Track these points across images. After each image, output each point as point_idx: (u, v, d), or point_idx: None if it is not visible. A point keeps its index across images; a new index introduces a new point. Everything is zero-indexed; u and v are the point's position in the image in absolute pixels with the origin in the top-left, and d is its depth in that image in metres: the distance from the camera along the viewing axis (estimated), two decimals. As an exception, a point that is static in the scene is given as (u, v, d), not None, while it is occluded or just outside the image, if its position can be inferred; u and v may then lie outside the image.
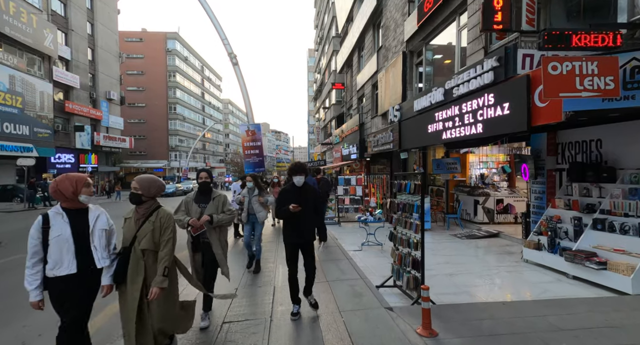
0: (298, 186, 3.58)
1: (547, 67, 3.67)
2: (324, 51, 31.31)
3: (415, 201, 3.89)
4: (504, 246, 7.19)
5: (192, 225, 3.29)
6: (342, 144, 19.87)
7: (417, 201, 3.89)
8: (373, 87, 14.49)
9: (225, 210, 3.44)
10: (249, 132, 11.17)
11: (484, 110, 6.16)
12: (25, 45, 22.76)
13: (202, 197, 3.48)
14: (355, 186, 9.82)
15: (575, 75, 3.63)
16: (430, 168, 10.64)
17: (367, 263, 5.70)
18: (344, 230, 8.96)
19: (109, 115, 33.71)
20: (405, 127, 9.99)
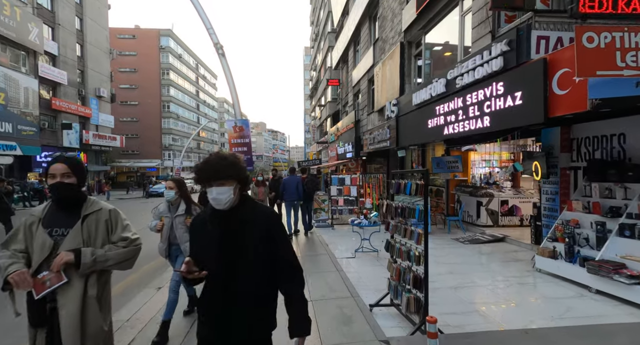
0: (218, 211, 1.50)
1: (582, 38, 3.01)
2: (319, 48, 30.63)
3: (417, 204, 3.21)
4: (511, 252, 6.53)
5: (17, 281, 1.60)
6: (337, 142, 19.19)
7: (419, 205, 3.20)
8: (369, 82, 13.82)
9: (117, 238, 1.86)
10: (237, 128, 10.44)
11: (492, 102, 5.50)
12: (7, 39, 21.83)
13: (61, 216, 1.80)
14: (349, 186, 9.14)
15: (616, 49, 2.97)
16: (430, 167, 9.99)
17: (360, 273, 5.02)
18: (337, 233, 8.28)
19: (99, 113, 32.77)
20: (403, 123, 9.32)
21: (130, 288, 4.60)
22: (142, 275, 5.19)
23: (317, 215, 9.45)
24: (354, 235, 7.65)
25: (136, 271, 5.19)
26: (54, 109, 26.65)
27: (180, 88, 56.25)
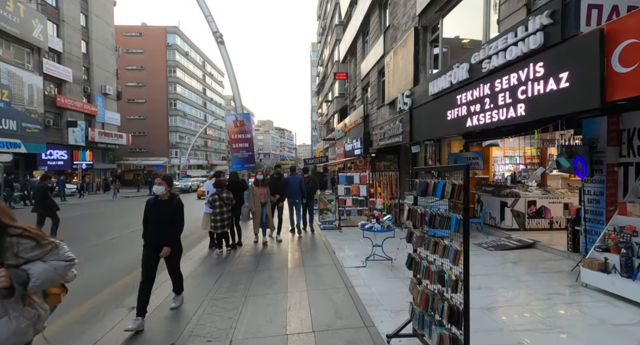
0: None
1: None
2: (326, 42, 29.78)
3: (454, 215, 2.44)
4: (545, 261, 5.70)
5: None
6: (345, 139, 18.41)
7: (454, 214, 2.44)
8: (379, 74, 12.98)
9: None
10: (237, 123, 9.74)
11: (528, 86, 4.67)
12: (11, 35, 21.58)
13: None
14: (358, 185, 8.36)
15: None
16: (447, 163, 9.15)
17: (372, 288, 4.27)
18: (345, 237, 7.54)
19: (105, 111, 32.57)
20: (418, 116, 8.50)
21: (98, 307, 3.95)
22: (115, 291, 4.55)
23: (323, 217, 8.73)
24: (365, 239, 6.91)
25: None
26: (59, 106, 26.44)
27: (187, 86, 56.03)
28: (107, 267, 5.44)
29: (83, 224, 10.76)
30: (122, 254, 6.59)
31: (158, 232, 3.45)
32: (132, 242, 7.64)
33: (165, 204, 3.51)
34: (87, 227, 10.05)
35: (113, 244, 7.53)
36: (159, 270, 4.53)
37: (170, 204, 3.52)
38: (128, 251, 6.74)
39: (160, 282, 4.30)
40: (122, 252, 6.70)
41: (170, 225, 3.51)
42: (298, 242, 6.80)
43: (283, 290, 3.79)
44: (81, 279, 4.03)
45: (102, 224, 10.72)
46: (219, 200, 5.86)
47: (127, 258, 6.02)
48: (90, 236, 8.46)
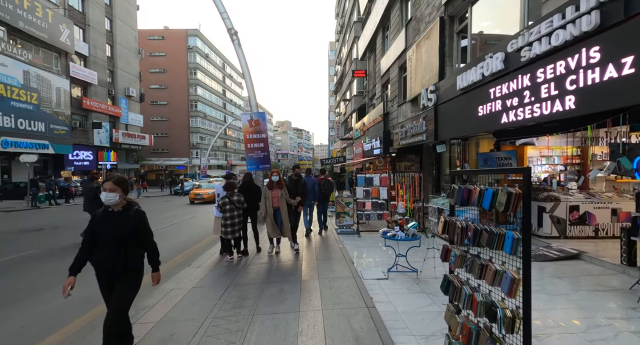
0: None
1: None
2: (344, 40, 29.25)
3: (509, 233, 1.91)
4: (595, 276, 4.97)
5: None
6: (363, 138, 17.83)
7: (510, 231, 1.92)
8: (400, 69, 12.36)
9: None
10: (252, 122, 9.42)
11: (580, 75, 4.01)
12: (40, 40, 22.46)
13: None
14: (378, 187, 7.83)
15: None
16: (475, 165, 8.46)
17: (396, 305, 3.76)
18: (364, 243, 7.03)
19: (128, 112, 33.48)
20: (444, 112, 7.87)
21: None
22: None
23: (340, 220, 8.25)
24: (383, 244, 6.38)
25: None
26: (85, 108, 27.34)
27: (207, 87, 57.00)
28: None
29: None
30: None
31: (109, 257, 2.48)
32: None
33: (120, 217, 2.54)
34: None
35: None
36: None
37: (126, 216, 2.55)
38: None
39: (159, 294, 3.98)
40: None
41: (132, 247, 2.60)
42: (313, 249, 6.35)
43: (295, 308, 3.35)
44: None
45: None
46: (229, 203, 5.47)
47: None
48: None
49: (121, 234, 2.51)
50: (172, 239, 8.05)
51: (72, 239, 7.65)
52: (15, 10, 20.43)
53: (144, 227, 2.65)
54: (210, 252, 6.17)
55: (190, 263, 5.38)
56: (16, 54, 20.70)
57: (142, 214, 2.65)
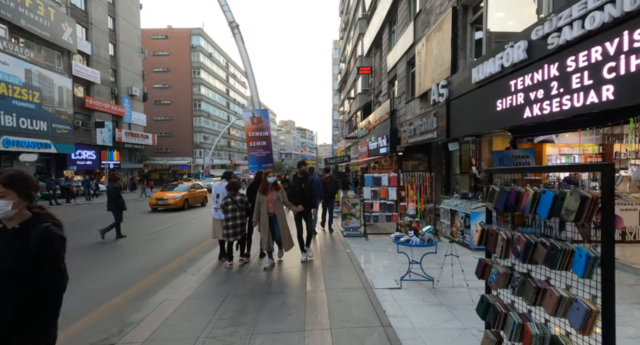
0: None
1: None
2: (349, 37, 28.79)
3: (581, 250, 1.48)
4: (631, 286, 4.52)
5: None
6: (368, 136, 17.38)
7: (582, 248, 1.50)
8: (408, 64, 11.90)
9: None
10: (254, 119, 9.03)
11: (620, 62, 3.55)
12: (42, 38, 22.28)
13: None
14: (387, 187, 7.40)
15: None
16: (489, 163, 7.99)
17: (412, 320, 3.34)
18: (372, 246, 6.60)
19: (131, 112, 33.31)
20: (456, 108, 7.41)
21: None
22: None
23: (346, 222, 7.83)
24: (394, 248, 5.96)
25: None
26: (88, 107, 27.17)
27: (210, 87, 56.81)
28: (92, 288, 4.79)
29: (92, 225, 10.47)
30: (105, 274, 6.02)
31: None
32: (124, 256, 7.12)
33: (13, 239, 1.52)
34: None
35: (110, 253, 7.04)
36: (149, 292, 3.95)
37: (22, 237, 1.52)
38: (116, 269, 6.17)
39: (149, 307, 3.58)
40: (108, 271, 6.13)
41: (32, 290, 1.51)
42: (319, 254, 5.93)
43: (299, 326, 2.94)
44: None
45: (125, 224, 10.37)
46: (232, 203, 5.15)
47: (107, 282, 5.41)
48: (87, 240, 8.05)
49: (9, 268, 1.47)
50: (172, 241, 7.69)
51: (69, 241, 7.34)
52: (16, 8, 20.25)
53: (49, 257, 1.53)
54: (210, 256, 5.79)
55: (187, 269, 5.01)
56: (18, 52, 20.50)
57: (52, 235, 1.56)
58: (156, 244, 7.25)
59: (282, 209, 5.13)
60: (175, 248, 6.90)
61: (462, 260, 4.77)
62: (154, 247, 7.03)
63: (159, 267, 5.23)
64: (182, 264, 5.49)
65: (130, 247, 7.06)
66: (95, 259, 6.08)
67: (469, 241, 6.32)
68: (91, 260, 5.97)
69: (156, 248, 6.88)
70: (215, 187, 5.72)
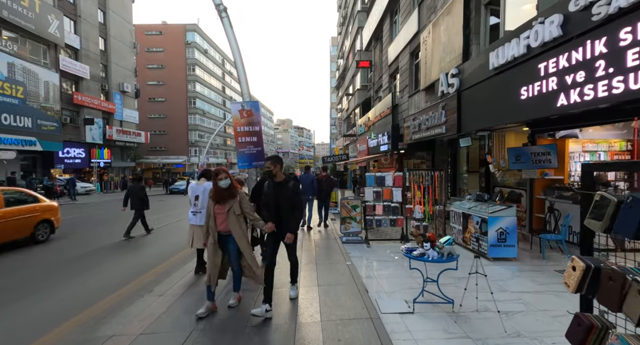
0: None
1: None
2: (347, 32, 27.95)
3: None
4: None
5: None
6: (368, 134, 16.56)
7: None
8: (412, 56, 11.08)
9: None
10: (244, 112, 8.16)
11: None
12: (27, 31, 21.24)
13: None
14: (391, 188, 6.58)
15: None
16: (506, 161, 7.19)
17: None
18: (376, 256, 5.79)
19: (123, 108, 32.29)
20: (469, 99, 6.60)
21: None
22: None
23: (345, 227, 7.01)
24: (402, 261, 5.15)
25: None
26: (76, 103, 26.14)
27: (206, 84, 55.76)
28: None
29: (72, 229, 9.60)
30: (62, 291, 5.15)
31: None
32: (83, 270, 6.27)
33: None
34: (70, 235, 8.86)
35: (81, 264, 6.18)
36: (96, 323, 2.74)
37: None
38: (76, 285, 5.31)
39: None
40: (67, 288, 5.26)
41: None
42: (314, 266, 5.11)
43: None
44: None
45: (93, 229, 9.51)
46: None
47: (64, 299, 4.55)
48: (66, 248, 7.18)
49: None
50: (151, 248, 6.83)
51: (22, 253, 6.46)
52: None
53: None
54: (185, 269, 4.96)
55: (154, 287, 4.16)
56: (0, 45, 19.49)
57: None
58: (128, 254, 6.36)
59: (239, 227, 3.47)
60: (153, 256, 6.06)
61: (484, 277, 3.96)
62: (125, 256, 6.16)
63: (122, 284, 4.38)
64: (150, 280, 4.64)
65: (93, 258, 6.18)
66: (51, 276, 5.19)
67: (485, 250, 5.53)
68: (46, 277, 5.11)
69: (126, 258, 6.02)
70: (193, 187, 4.88)
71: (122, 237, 7.74)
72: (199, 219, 4.71)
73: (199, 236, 4.62)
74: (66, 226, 9.29)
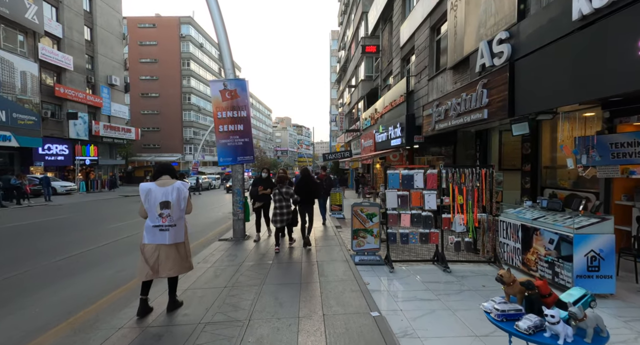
0: None
1: None
2: (349, 21, 26.14)
3: None
4: None
5: None
6: (375, 127, 14.81)
7: None
8: (432, 31, 9.32)
9: None
10: (226, 93, 6.39)
11: None
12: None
13: None
14: (422, 191, 4.83)
15: None
16: (570, 155, 5.43)
17: None
18: (405, 285, 4.06)
19: (111, 103, 30.42)
20: (529, 69, 4.85)
21: None
22: None
23: (359, 243, 5.25)
24: (448, 289, 3.42)
25: None
26: (58, 96, 24.25)
27: (201, 79, 53.82)
28: None
29: (29, 237, 7.82)
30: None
31: None
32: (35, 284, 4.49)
33: None
34: (22, 246, 7.08)
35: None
36: None
37: None
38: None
39: None
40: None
41: None
42: (319, 313, 3.37)
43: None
44: None
45: (50, 240, 7.73)
46: (279, 194, 5.86)
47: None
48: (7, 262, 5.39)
49: None
50: (90, 275, 5.02)
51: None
52: (-36, -23, 17.36)
53: None
54: (129, 312, 3.20)
55: (76, 337, 2.42)
56: (-35, 29, 17.62)
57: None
58: (55, 284, 4.52)
59: None
60: (82, 290, 4.30)
61: None
62: (51, 288, 4.39)
63: (39, 331, 2.67)
64: (77, 326, 2.91)
65: (12, 288, 4.43)
66: None
67: (568, 281, 3.80)
68: None
69: (52, 291, 4.26)
70: (154, 190, 3.14)
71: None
72: (171, 236, 3.07)
73: (165, 264, 3.00)
74: (29, 231, 7.53)
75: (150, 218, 3.15)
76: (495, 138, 8.19)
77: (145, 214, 3.18)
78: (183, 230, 3.32)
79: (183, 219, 3.33)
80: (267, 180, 6.67)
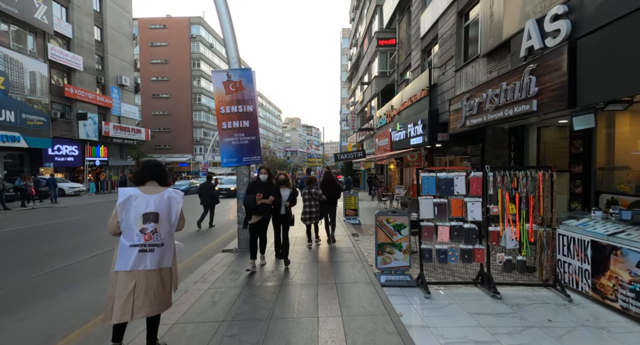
0: None
1: None
2: (362, 16, 25.25)
3: None
4: None
5: None
6: (391, 125, 13.90)
7: None
8: (460, 16, 8.39)
9: None
10: (231, 85, 5.63)
11: None
12: (8, 15, 19.22)
13: None
14: (463, 199, 3.96)
15: None
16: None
17: None
18: (445, 318, 3.22)
19: (121, 103, 30.28)
20: (597, 49, 3.92)
21: None
22: None
23: (384, 260, 4.40)
24: (502, 325, 2.56)
25: None
26: (68, 97, 24.12)
27: (211, 80, 53.72)
28: None
29: (29, 242, 7.25)
30: None
31: None
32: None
33: None
34: (21, 252, 6.48)
35: None
36: None
37: None
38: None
39: None
40: None
41: None
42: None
43: None
44: None
45: (54, 244, 7.13)
46: (308, 194, 6.07)
47: None
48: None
49: None
50: (70, 299, 4.35)
51: None
52: (-27, -23, 17.23)
53: None
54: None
55: None
56: (-26, 29, 17.48)
57: None
58: (29, 309, 3.88)
59: None
60: (64, 314, 3.60)
61: None
62: (29, 310, 3.71)
63: None
64: None
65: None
66: None
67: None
68: None
69: (28, 315, 3.56)
70: (137, 198, 2.41)
71: (197, 228, 8.85)
72: (154, 259, 2.32)
73: (144, 299, 2.26)
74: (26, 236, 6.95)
75: (126, 235, 2.39)
76: (533, 135, 7.21)
77: (116, 228, 2.42)
78: (172, 251, 2.56)
79: (172, 237, 2.58)
80: (267, 184, 4.84)
